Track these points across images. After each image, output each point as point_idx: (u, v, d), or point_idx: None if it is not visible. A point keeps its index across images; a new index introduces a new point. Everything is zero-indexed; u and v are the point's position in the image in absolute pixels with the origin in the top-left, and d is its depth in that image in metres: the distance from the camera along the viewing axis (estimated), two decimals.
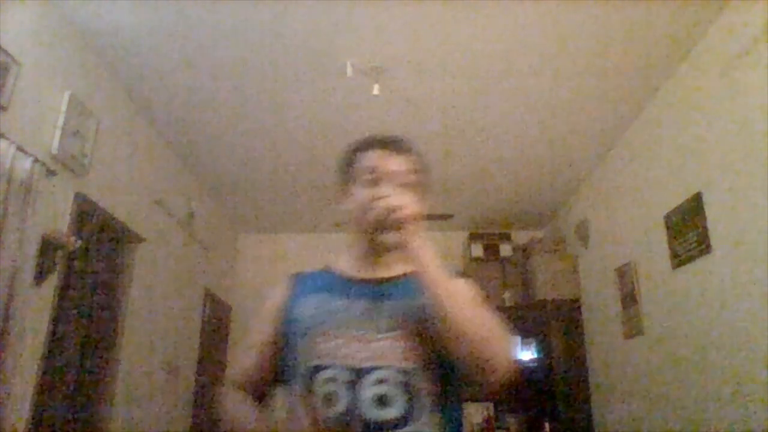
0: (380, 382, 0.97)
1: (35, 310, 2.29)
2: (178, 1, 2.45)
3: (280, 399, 1.12)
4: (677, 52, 2.75)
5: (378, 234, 1.03)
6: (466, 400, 4.64)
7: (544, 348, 4.34)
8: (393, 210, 1.00)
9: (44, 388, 2.40)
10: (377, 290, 1.08)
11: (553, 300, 4.33)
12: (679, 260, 2.84)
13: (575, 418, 4.03)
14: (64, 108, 2.52)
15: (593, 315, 4.12)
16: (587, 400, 4.08)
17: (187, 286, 4.09)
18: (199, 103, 3.23)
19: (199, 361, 4.29)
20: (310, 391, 0.99)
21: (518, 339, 4.55)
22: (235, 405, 1.10)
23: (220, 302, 4.80)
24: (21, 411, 2.21)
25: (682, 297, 2.83)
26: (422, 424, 0.96)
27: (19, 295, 2.08)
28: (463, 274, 1.18)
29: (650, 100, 3.15)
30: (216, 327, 4.70)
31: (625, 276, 3.50)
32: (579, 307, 4.32)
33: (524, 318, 4.57)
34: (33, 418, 2.30)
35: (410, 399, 0.97)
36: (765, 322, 2.19)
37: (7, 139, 2.12)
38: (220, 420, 1.12)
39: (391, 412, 0.95)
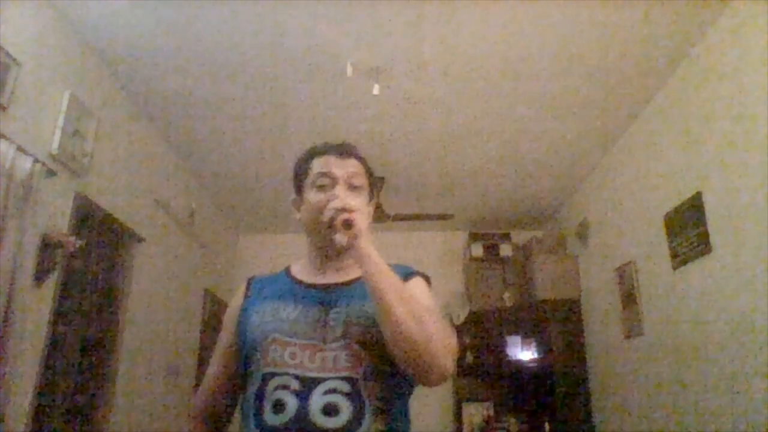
0: (328, 392, 1.00)
1: (35, 310, 2.29)
2: (177, 1, 2.45)
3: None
4: (677, 52, 2.74)
5: (330, 235, 1.06)
6: (467, 401, 4.65)
7: (544, 348, 4.34)
8: (344, 210, 1.05)
9: (44, 388, 2.40)
10: (327, 296, 1.12)
11: (553, 300, 4.33)
12: (679, 260, 2.84)
13: (575, 418, 4.03)
14: (64, 108, 2.52)
15: (593, 315, 4.12)
16: (587, 400, 4.08)
17: (187, 286, 4.09)
18: (199, 103, 3.23)
19: (199, 361, 4.29)
20: (260, 399, 1.03)
21: (518, 339, 4.56)
22: None
23: (220, 302, 4.80)
24: (21, 411, 2.22)
25: (682, 297, 2.83)
26: (367, 430, 0.99)
27: (19, 295, 2.08)
28: (419, 273, 1.20)
29: (650, 100, 3.15)
30: (216, 327, 4.69)
31: (625, 276, 3.50)
32: (579, 307, 4.32)
33: (524, 318, 4.58)
34: (33, 418, 2.30)
35: (357, 406, 1.00)
36: (765, 322, 2.18)
37: (7, 139, 2.12)
38: None
39: (339, 420, 0.98)
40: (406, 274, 1.15)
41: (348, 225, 1.03)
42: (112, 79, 2.97)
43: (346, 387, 1.01)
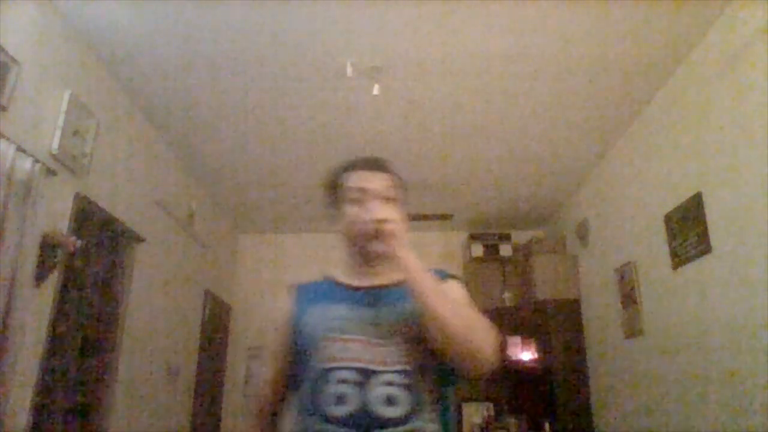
0: (387, 383, 1.07)
1: (35, 310, 2.29)
2: (178, 1, 2.45)
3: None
4: (677, 52, 2.75)
5: (367, 245, 1.15)
6: (467, 401, 4.65)
7: (544, 348, 4.34)
8: (379, 223, 1.13)
9: (44, 388, 2.40)
10: (373, 297, 1.19)
11: (553, 300, 4.33)
12: (679, 260, 2.84)
13: (575, 418, 4.03)
14: (64, 108, 2.52)
15: (593, 315, 4.12)
16: (587, 400, 4.08)
17: (187, 286, 4.09)
18: (199, 103, 3.23)
19: (199, 361, 4.29)
20: (320, 392, 1.08)
21: (518, 339, 4.56)
22: None
23: (220, 302, 4.80)
24: (21, 411, 2.22)
25: (682, 297, 2.83)
26: (423, 420, 1.07)
27: (19, 295, 2.08)
28: (454, 276, 1.29)
29: (650, 100, 3.15)
30: (216, 327, 4.71)
31: (625, 276, 3.50)
32: (579, 307, 4.32)
33: (524, 318, 4.58)
34: (33, 418, 2.30)
35: (413, 398, 1.07)
36: (765, 322, 2.19)
37: (7, 139, 2.12)
38: None
39: (398, 410, 1.05)
40: (443, 277, 1.22)
41: (383, 235, 1.11)
42: (112, 79, 2.97)
43: (402, 379, 1.08)
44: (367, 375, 1.07)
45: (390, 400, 1.05)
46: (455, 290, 1.21)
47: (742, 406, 2.33)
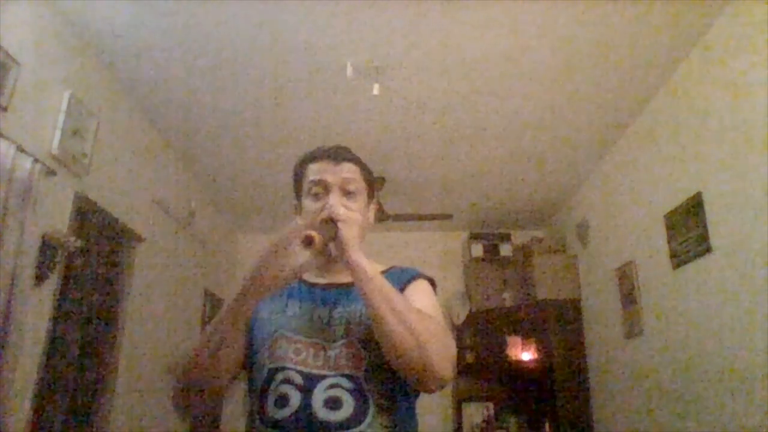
0: (332, 387, 1.02)
1: (35, 310, 2.29)
2: (177, 1, 2.45)
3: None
4: (677, 52, 2.74)
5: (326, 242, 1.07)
6: (467, 401, 4.65)
7: (544, 348, 4.34)
8: (331, 219, 1.07)
9: (44, 388, 2.40)
10: (330, 296, 1.14)
11: (553, 300, 4.33)
12: (679, 260, 2.84)
13: (575, 418, 4.03)
14: (64, 108, 2.51)
15: (593, 315, 4.12)
16: (587, 400, 4.08)
17: (187, 286, 4.09)
18: (199, 103, 3.23)
19: None
20: (265, 393, 1.05)
21: (518, 339, 4.56)
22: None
23: (220, 302, 4.80)
24: (21, 411, 2.22)
25: (682, 297, 2.83)
26: (373, 427, 1.00)
27: (19, 295, 2.08)
28: (422, 275, 1.20)
29: (650, 100, 3.15)
30: None
31: (625, 276, 3.50)
32: (579, 307, 4.32)
33: (524, 318, 4.58)
34: (33, 418, 2.30)
35: (359, 402, 1.01)
36: (765, 322, 2.19)
37: (7, 139, 2.12)
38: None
39: (341, 414, 0.99)
40: (410, 278, 1.17)
41: (333, 236, 1.03)
42: (112, 79, 2.97)
43: (348, 384, 1.02)
44: (311, 378, 1.03)
45: (333, 404, 1.00)
46: (420, 293, 1.13)
47: (742, 406, 2.33)
